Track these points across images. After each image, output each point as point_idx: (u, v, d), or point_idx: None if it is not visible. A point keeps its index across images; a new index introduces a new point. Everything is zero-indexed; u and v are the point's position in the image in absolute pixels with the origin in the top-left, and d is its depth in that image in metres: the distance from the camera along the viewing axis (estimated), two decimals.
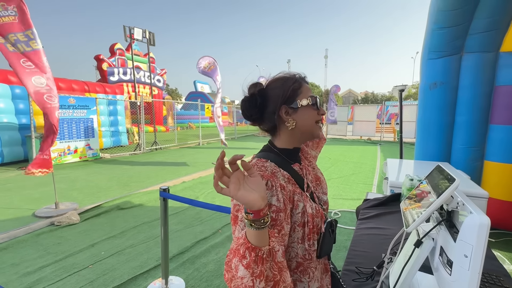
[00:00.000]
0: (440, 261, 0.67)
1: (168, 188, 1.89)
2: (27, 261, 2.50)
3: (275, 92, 0.76)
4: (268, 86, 0.78)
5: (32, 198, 4.27)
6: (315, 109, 0.77)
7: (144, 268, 2.38)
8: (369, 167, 6.95)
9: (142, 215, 3.63)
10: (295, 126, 0.77)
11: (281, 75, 0.80)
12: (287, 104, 0.75)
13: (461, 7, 2.50)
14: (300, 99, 0.76)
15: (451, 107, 3.00)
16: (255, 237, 0.55)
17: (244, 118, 0.79)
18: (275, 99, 0.76)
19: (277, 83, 0.78)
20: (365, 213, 1.71)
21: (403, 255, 0.81)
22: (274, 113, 0.76)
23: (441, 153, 3.11)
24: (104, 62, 15.14)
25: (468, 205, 0.61)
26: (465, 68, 2.84)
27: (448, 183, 0.65)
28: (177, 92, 51.58)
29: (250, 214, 0.54)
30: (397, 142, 13.17)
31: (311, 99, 0.76)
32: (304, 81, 0.80)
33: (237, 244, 0.58)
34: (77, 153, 7.42)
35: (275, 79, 0.79)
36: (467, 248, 0.56)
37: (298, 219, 0.70)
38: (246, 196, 0.53)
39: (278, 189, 0.68)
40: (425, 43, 3.02)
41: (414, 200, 0.80)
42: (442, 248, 0.67)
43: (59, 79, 8.90)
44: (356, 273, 0.98)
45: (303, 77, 0.81)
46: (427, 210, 0.65)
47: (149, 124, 15.20)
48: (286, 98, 0.76)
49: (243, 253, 0.55)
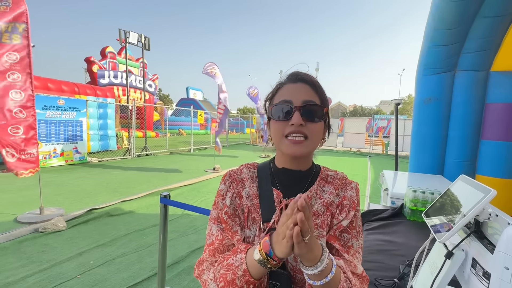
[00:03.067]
0: (474, 273, 0.66)
1: (169, 194, 1.82)
2: (9, 270, 2.33)
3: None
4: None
5: (14, 202, 4.04)
6: (281, 119, 0.62)
7: (137, 279, 2.26)
8: (361, 178, 7.04)
9: (133, 223, 3.48)
10: (273, 141, 0.67)
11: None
12: (267, 113, 0.67)
13: (456, 27, 2.62)
14: (272, 106, 0.64)
15: (444, 122, 3.10)
16: (259, 274, 0.54)
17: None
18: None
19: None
20: (370, 224, 1.71)
21: (428, 267, 0.80)
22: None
23: (435, 166, 3.19)
24: (95, 65, 14.88)
25: (503, 216, 0.61)
26: (458, 85, 2.96)
27: (481, 194, 0.66)
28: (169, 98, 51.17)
29: (274, 261, 0.52)
30: (386, 154, 13.48)
31: (276, 107, 0.62)
32: (291, 79, 0.65)
33: (232, 273, 0.55)
34: (63, 156, 7.14)
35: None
36: (508, 260, 0.56)
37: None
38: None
39: (233, 195, 0.66)
40: (420, 60, 3.14)
41: (440, 210, 0.79)
42: (475, 260, 0.66)
43: (48, 79, 8.64)
44: (375, 285, 0.96)
45: (295, 73, 0.66)
46: (461, 220, 0.65)
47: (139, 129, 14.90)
48: (266, 106, 0.69)
49: (241, 286, 0.54)
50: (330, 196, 0.66)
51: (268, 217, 0.62)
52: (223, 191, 0.68)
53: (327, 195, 0.66)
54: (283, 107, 0.62)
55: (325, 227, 0.63)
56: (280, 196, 0.65)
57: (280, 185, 0.67)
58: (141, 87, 10.94)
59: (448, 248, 0.72)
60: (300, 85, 0.64)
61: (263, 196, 0.65)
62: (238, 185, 0.67)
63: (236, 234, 0.64)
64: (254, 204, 0.65)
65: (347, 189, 0.68)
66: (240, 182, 0.68)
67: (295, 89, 0.63)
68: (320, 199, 0.66)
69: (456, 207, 0.73)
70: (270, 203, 0.64)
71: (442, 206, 0.80)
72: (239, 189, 0.67)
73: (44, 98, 6.74)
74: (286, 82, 0.66)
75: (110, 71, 15.28)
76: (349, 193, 0.68)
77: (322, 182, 0.68)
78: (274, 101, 0.65)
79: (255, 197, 0.66)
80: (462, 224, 0.65)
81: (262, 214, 0.63)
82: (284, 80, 0.67)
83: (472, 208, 0.65)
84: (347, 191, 0.68)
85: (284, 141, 0.61)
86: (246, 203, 0.65)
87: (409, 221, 1.74)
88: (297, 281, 0.60)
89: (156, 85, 19.04)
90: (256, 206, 0.65)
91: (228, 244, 0.64)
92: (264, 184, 0.66)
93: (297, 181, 0.67)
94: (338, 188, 0.68)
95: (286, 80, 0.66)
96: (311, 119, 0.61)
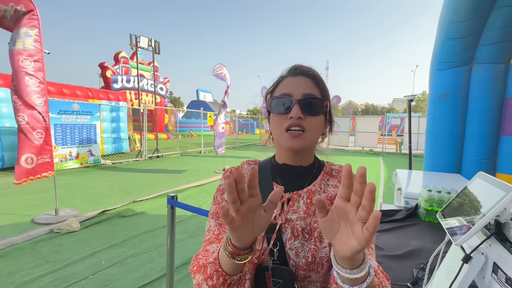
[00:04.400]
0: (495, 279, 0.60)
1: (176, 196, 1.82)
2: (25, 269, 2.40)
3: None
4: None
5: (32, 204, 4.18)
6: (280, 113, 0.60)
7: (147, 280, 2.28)
8: (373, 178, 6.86)
9: (144, 224, 3.53)
10: (272, 136, 0.65)
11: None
12: (267, 107, 0.65)
13: (472, 18, 2.50)
14: (271, 99, 0.63)
15: (461, 118, 2.96)
16: (228, 266, 0.49)
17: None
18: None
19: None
20: (382, 225, 1.64)
21: (444, 271, 0.74)
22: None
23: (452, 164, 3.05)
24: (108, 70, 15.29)
25: None
26: (475, 79, 2.82)
27: (502, 192, 0.60)
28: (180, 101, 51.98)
29: (230, 247, 0.46)
30: (400, 153, 13.11)
31: (276, 100, 0.60)
32: (292, 73, 0.63)
33: (205, 259, 0.53)
34: (78, 159, 7.36)
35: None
36: None
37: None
38: (244, 234, 0.43)
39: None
40: (434, 54, 3.02)
41: (457, 210, 0.74)
42: (497, 264, 0.61)
43: (63, 85, 8.95)
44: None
45: (295, 66, 0.64)
46: (480, 221, 0.59)
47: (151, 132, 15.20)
48: (266, 99, 0.66)
49: (210, 274, 0.50)
50: (334, 189, 0.63)
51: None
52: (223, 186, 0.67)
53: (331, 189, 0.63)
54: (283, 100, 0.60)
55: None
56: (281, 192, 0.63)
57: (282, 180, 0.65)
58: (153, 91, 11.12)
59: (466, 251, 0.66)
60: (301, 78, 0.62)
61: (264, 192, 0.62)
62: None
63: None
64: None
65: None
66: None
67: (295, 82, 0.62)
68: (324, 193, 0.63)
69: (474, 207, 0.67)
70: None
71: (459, 206, 0.74)
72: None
73: (59, 103, 6.98)
74: (287, 76, 0.64)
75: (123, 76, 15.68)
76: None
77: (326, 176, 0.66)
78: (275, 94, 0.64)
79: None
80: (481, 225, 0.59)
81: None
82: (285, 73, 0.66)
83: (492, 208, 0.59)
84: None
85: (284, 135, 0.59)
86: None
87: (424, 222, 1.66)
88: (300, 278, 0.58)
89: (167, 88, 19.35)
90: None
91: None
92: (264, 179, 0.64)
93: (299, 176, 0.65)
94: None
95: (287, 74, 0.65)
96: (310, 112, 0.60)
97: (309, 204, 0.61)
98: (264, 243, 0.58)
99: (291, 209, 0.61)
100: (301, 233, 0.59)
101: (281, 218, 0.60)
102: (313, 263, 0.57)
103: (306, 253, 0.57)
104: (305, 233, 0.59)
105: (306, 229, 0.59)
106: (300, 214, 0.60)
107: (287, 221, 0.60)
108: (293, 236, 0.58)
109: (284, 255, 0.57)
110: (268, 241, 0.58)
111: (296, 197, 0.62)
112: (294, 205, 0.61)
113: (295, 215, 0.60)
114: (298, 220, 0.60)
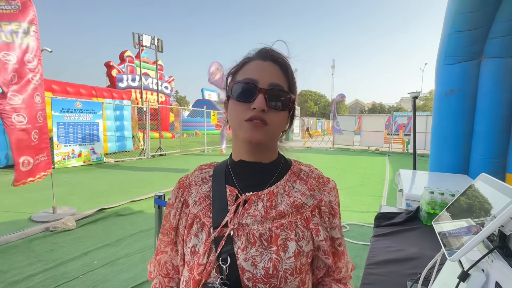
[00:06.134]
0: None
1: (164, 195, 1.75)
2: (16, 268, 2.37)
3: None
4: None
5: (32, 201, 4.19)
6: (242, 101, 0.51)
7: (137, 281, 2.22)
8: (378, 178, 6.69)
9: (140, 223, 3.48)
10: (229, 126, 0.56)
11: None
12: (227, 91, 0.56)
13: (481, 9, 2.35)
14: (233, 82, 0.54)
15: (469, 116, 2.80)
16: None
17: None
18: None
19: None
20: (379, 230, 1.53)
21: (438, 287, 0.64)
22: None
23: (458, 164, 2.90)
24: (114, 69, 15.42)
25: None
26: (484, 74, 2.66)
27: (508, 198, 0.50)
28: (186, 100, 52.28)
29: None
30: (407, 153, 12.84)
31: (238, 85, 0.52)
32: (261, 56, 0.54)
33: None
34: (81, 157, 7.40)
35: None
36: None
37: (187, 256, 0.53)
38: None
39: (179, 205, 0.58)
40: (440, 48, 2.87)
41: (453, 218, 0.63)
42: (499, 284, 0.51)
43: (67, 83, 9.03)
44: None
45: (266, 50, 0.54)
46: (480, 233, 0.49)
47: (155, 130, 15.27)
48: (226, 84, 0.57)
49: None
50: (302, 197, 0.55)
51: (220, 219, 0.52)
52: (171, 200, 0.60)
53: (298, 195, 0.55)
54: (247, 86, 0.51)
55: (292, 230, 0.51)
56: (234, 193, 0.55)
57: (238, 180, 0.56)
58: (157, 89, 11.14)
59: (464, 266, 0.56)
60: (270, 64, 0.54)
61: (215, 197, 0.55)
62: (185, 192, 0.59)
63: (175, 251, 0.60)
64: (203, 208, 0.55)
65: (324, 190, 0.56)
66: (187, 188, 0.60)
67: (263, 68, 0.53)
68: (288, 197, 0.54)
69: (474, 214, 0.57)
70: (222, 203, 0.54)
71: (457, 213, 0.63)
72: (186, 197, 0.59)
73: (62, 101, 7.02)
74: (255, 58, 0.55)
75: (128, 75, 15.79)
76: (328, 197, 0.56)
77: (293, 177, 0.57)
78: (238, 77, 0.55)
79: (204, 199, 0.56)
80: (481, 238, 0.49)
81: (213, 217, 0.53)
82: (253, 55, 0.56)
83: (496, 216, 0.49)
84: (324, 193, 0.56)
85: (243, 125, 0.51)
86: (193, 211, 0.56)
87: (426, 226, 1.54)
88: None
89: (172, 87, 19.42)
90: (206, 209, 0.55)
91: (164, 260, 0.61)
92: (217, 183, 0.57)
93: (258, 174, 0.56)
94: (314, 189, 0.56)
95: (255, 56, 0.55)
96: (276, 107, 0.52)
97: (269, 208, 0.52)
98: (211, 255, 0.49)
99: (247, 212, 0.52)
100: (259, 240, 0.50)
101: (233, 223, 0.51)
102: (274, 276, 0.47)
103: (266, 263, 0.48)
104: (263, 240, 0.50)
105: (265, 235, 0.50)
106: (257, 218, 0.51)
107: (241, 226, 0.51)
108: (249, 244, 0.49)
109: (236, 270, 0.48)
110: (218, 251, 0.49)
111: (254, 198, 0.53)
112: (251, 207, 0.53)
113: (250, 219, 0.51)
114: (254, 225, 0.51)
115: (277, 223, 0.51)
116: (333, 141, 15.66)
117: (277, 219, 0.51)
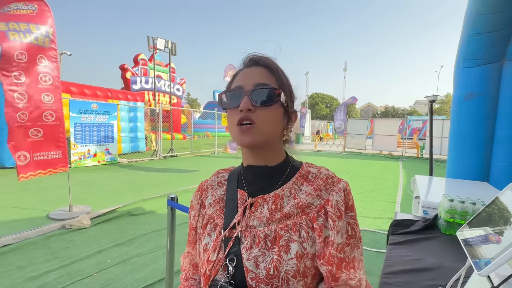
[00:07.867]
0: None
1: (176, 197, 1.77)
2: (34, 264, 2.45)
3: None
4: None
5: (49, 200, 4.33)
6: (231, 107, 0.54)
7: (149, 281, 2.24)
8: (391, 184, 6.53)
9: (152, 223, 3.53)
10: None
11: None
12: (218, 103, 0.61)
13: (503, 10, 2.26)
14: (221, 93, 0.57)
15: (490, 120, 2.70)
16: None
17: None
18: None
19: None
20: (395, 238, 1.49)
21: None
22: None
23: (478, 171, 2.79)
24: (128, 71, 15.84)
25: None
26: (507, 77, 2.56)
27: None
28: (197, 102, 52.98)
29: None
30: (421, 158, 12.49)
31: (225, 94, 0.55)
32: (246, 64, 0.57)
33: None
34: (96, 157, 7.61)
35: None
36: None
37: (201, 253, 0.58)
38: None
39: (197, 207, 0.64)
40: (459, 50, 2.78)
41: (480, 228, 0.60)
42: None
43: (84, 85, 9.33)
44: None
45: (249, 57, 0.57)
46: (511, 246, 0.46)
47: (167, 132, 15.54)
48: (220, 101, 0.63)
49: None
50: (307, 197, 0.54)
51: (230, 221, 0.56)
52: (193, 202, 0.67)
53: (303, 196, 0.54)
54: (234, 93, 0.54)
55: (296, 231, 0.51)
56: (244, 196, 0.58)
57: (247, 184, 0.59)
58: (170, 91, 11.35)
59: (493, 282, 0.53)
60: (254, 69, 0.56)
61: (228, 200, 0.59)
62: (202, 195, 0.65)
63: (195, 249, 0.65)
64: (217, 210, 0.60)
65: (332, 190, 0.54)
66: (205, 191, 0.65)
67: (248, 73, 0.56)
68: (294, 199, 0.54)
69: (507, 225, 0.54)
70: (233, 206, 0.57)
71: (485, 224, 0.61)
72: (203, 199, 0.65)
73: (79, 102, 7.26)
74: (242, 69, 0.59)
75: (141, 77, 16.18)
76: (335, 197, 0.53)
77: (300, 180, 0.57)
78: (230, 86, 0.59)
79: (218, 202, 0.61)
80: None
81: (225, 218, 0.57)
82: (241, 66, 0.60)
83: None
84: (332, 193, 0.53)
85: (235, 131, 0.53)
86: (208, 212, 0.61)
87: (445, 235, 1.48)
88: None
89: (183, 89, 19.74)
90: (220, 211, 0.59)
91: (189, 258, 0.68)
92: (230, 187, 0.61)
93: (265, 178, 0.58)
94: (320, 189, 0.54)
95: (241, 66, 0.59)
96: (261, 103, 0.52)
97: (274, 210, 0.53)
98: (220, 253, 0.54)
99: (253, 215, 0.55)
100: (263, 240, 0.51)
101: (241, 226, 0.54)
102: (275, 277, 0.48)
103: (267, 263, 0.49)
104: (267, 241, 0.51)
105: (269, 236, 0.52)
106: (262, 220, 0.53)
107: (248, 228, 0.54)
108: (253, 244, 0.52)
109: (242, 270, 0.50)
110: (226, 251, 0.53)
111: (260, 201, 0.55)
112: (257, 210, 0.55)
113: (257, 221, 0.54)
114: (260, 226, 0.53)
115: (282, 224, 0.52)
116: (345, 144, 15.44)
117: (283, 220, 0.52)
